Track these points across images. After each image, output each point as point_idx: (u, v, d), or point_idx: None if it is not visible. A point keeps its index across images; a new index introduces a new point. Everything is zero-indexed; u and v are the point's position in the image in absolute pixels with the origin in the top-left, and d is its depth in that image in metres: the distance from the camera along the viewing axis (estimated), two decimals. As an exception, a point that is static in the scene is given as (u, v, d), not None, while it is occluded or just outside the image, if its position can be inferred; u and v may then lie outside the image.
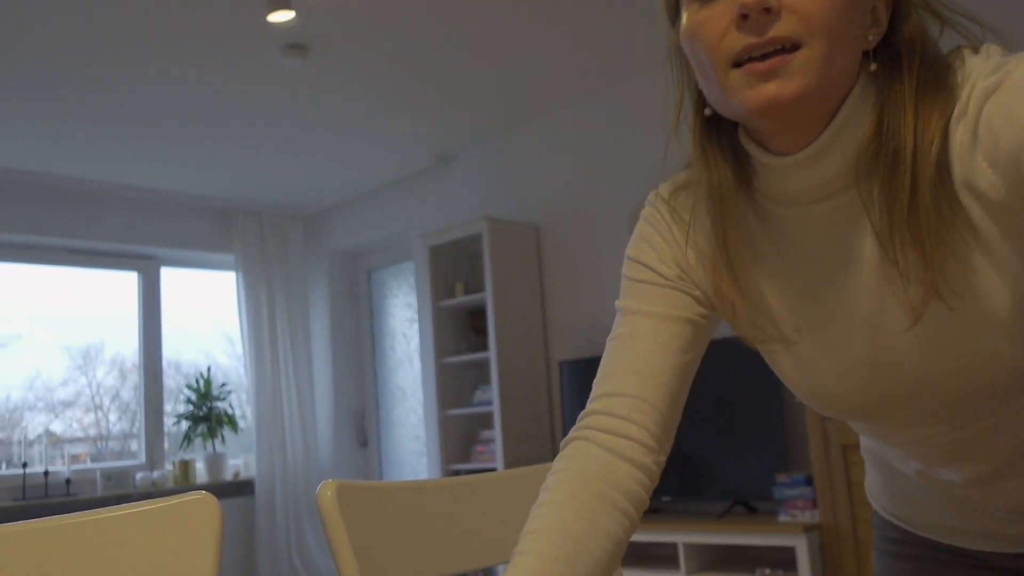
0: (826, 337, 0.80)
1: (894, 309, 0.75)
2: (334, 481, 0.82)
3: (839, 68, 0.70)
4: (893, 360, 0.77)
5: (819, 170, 0.75)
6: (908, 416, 0.81)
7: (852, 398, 0.81)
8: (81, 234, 4.70)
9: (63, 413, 4.78)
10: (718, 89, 0.73)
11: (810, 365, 0.83)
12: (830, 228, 0.77)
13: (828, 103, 0.73)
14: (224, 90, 3.68)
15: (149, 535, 0.67)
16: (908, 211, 0.70)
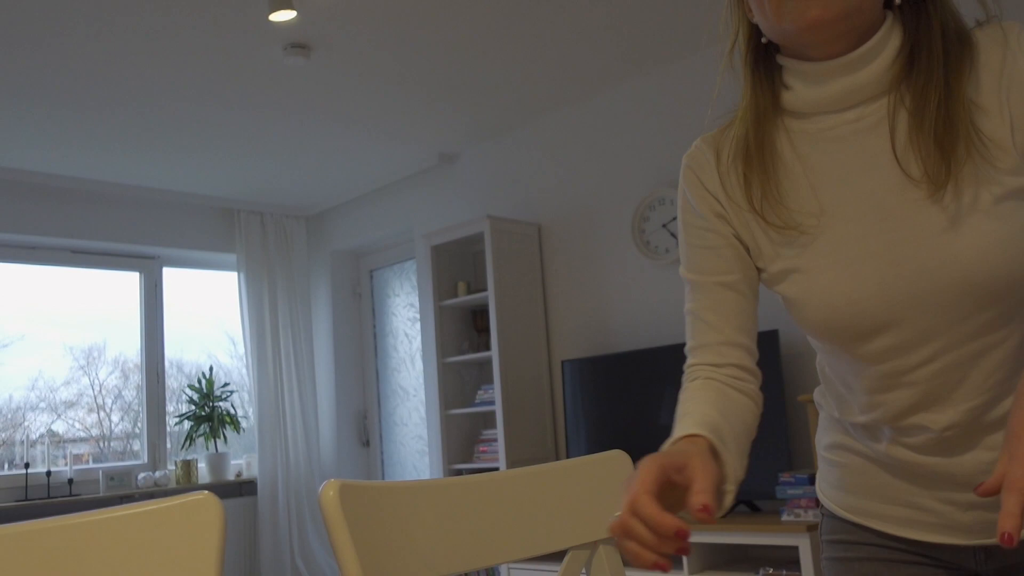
0: (844, 229, 0.90)
1: (908, 204, 0.87)
2: (337, 481, 0.83)
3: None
4: (904, 254, 0.87)
5: (858, 76, 0.89)
6: (909, 332, 0.88)
7: (861, 304, 0.89)
8: (83, 234, 4.70)
9: (65, 413, 4.78)
10: (772, 16, 0.87)
11: (824, 270, 0.91)
12: (852, 135, 0.91)
13: (862, 26, 0.87)
14: (227, 89, 3.67)
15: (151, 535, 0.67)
16: (936, 117, 0.85)
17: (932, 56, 0.86)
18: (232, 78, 3.57)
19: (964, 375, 0.89)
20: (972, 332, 0.87)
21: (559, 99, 4.07)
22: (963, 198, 0.85)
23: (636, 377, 3.55)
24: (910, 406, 0.92)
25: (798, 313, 0.95)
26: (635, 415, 3.49)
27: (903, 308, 0.88)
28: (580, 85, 3.93)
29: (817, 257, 0.91)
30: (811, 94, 0.92)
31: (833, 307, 0.90)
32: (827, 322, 0.92)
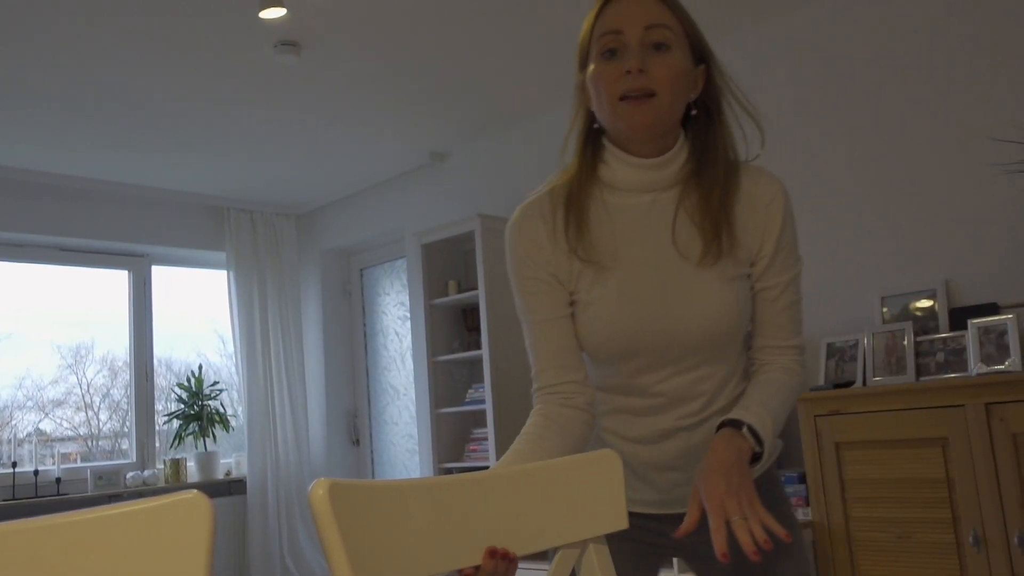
0: (627, 277, 1.24)
1: (676, 268, 1.24)
2: (327, 480, 0.83)
3: (676, 110, 1.23)
4: (662, 304, 1.23)
5: (658, 174, 1.26)
6: (654, 359, 1.25)
7: (624, 334, 1.23)
8: (71, 232, 4.67)
9: (53, 412, 4.75)
10: (609, 113, 1.22)
11: (605, 306, 1.24)
12: (646, 211, 1.27)
13: (669, 131, 1.25)
14: (217, 87, 3.66)
15: (140, 535, 0.66)
16: (717, 207, 1.22)
17: (715, 173, 1.24)
18: (222, 75, 3.55)
19: (687, 393, 1.27)
20: (694, 364, 1.26)
21: (550, 98, 4.06)
22: (709, 272, 1.22)
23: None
24: (648, 408, 1.29)
25: (584, 332, 1.27)
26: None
27: (657, 341, 1.23)
28: (571, 85, 3.92)
29: (607, 294, 1.24)
30: (624, 176, 1.26)
31: (609, 333, 1.24)
32: (602, 341, 1.25)
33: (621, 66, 1.19)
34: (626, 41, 1.20)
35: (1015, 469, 2.33)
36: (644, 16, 1.20)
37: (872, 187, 3.09)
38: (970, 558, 2.40)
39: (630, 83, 1.17)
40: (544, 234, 1.27)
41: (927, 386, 2.56)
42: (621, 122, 1.20)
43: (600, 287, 1.24)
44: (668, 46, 1.20)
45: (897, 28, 3.06)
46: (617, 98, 1.19)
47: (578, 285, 1.27)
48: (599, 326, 1.24)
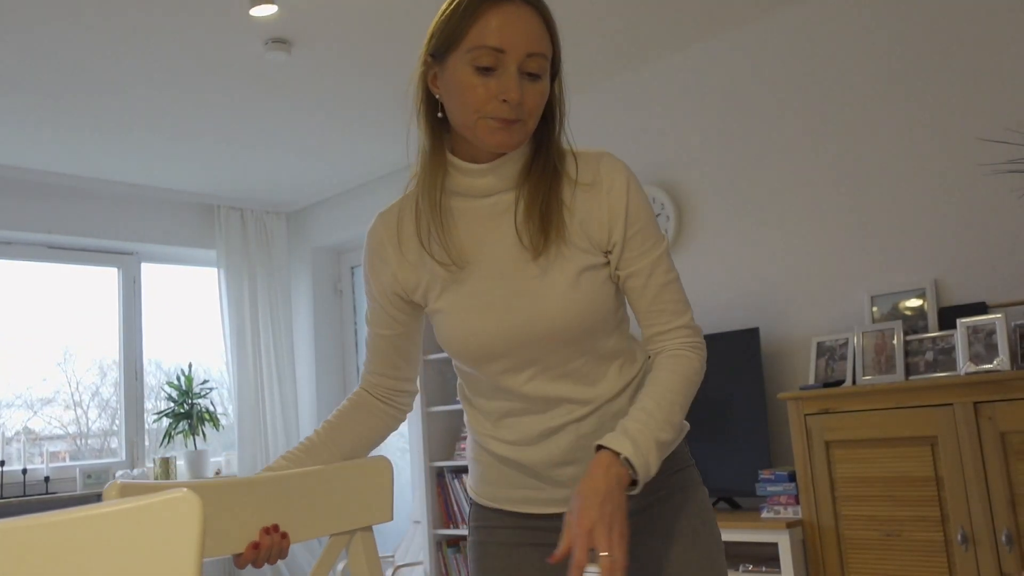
0: (479, 282, 1.26)
1: (521, 270, 1.24)
2: (119, 482, 0.97)
3: (532, 130, 1.23)
4: (514, 305, 1.23)
5: (497, 177, 1.26)
6: (516, 360, 1.25)
7: (481, 338, 1.25)
8: (60, 229, 4.64)
9: (42, 410, 4.73)
10: (471, 126, 1.20)
11: (460, 311, 1.26)
12: (490, 214, 1.27)
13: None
14: (207, 84, 3.64)
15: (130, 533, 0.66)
16: (539, 210, 1.24)
17: (545, 169, 1.26)
18: (213, 72, 3.54)
19: (558, 390, 1.27)
20: (557, 361, 1.25)
21: (542, 96, 4.07)
22: (554, 271, 1.23)
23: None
24: (525, 408, 1.28)
25: (440, 338, 1.30)
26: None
27: (510, 343, 1.24)
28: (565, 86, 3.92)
29: (458, 300, 1.26)
30: (465, 183, 1.27)
31: (463, 338, 1.26)
32: (459, 348, 1.27)
33: (496, 88, 1.17)
34: (505, 62, 1.17)
35: (1003, 468, 2.35)
36: (527, 41, 1.18)
37: (861, 187, 3.10)
38: (958, 556, 2.42)
39: (505, 111, 1.17)
40: (391, 249, 1.31)
41: (916, 385, 2.57)
42: (486, 138, 1.20)
43: (451, 294, 1.27)
44: (540, 76, 1.20)
45: (885, 28, 3.07)
46: (485, 115, 1.18)
47: (427, 296, 1.30)
48: (454, 332, 1.27)
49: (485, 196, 1.27)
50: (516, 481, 1.34)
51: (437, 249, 1.26)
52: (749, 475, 3.02)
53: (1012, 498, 2.33)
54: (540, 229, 1.23)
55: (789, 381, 3.17)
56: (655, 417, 1.14)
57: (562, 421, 1.27)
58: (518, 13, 1.18)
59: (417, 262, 1.29)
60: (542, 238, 1.23)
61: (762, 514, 2.92)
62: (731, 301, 3.35)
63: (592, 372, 1.27)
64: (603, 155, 1.28)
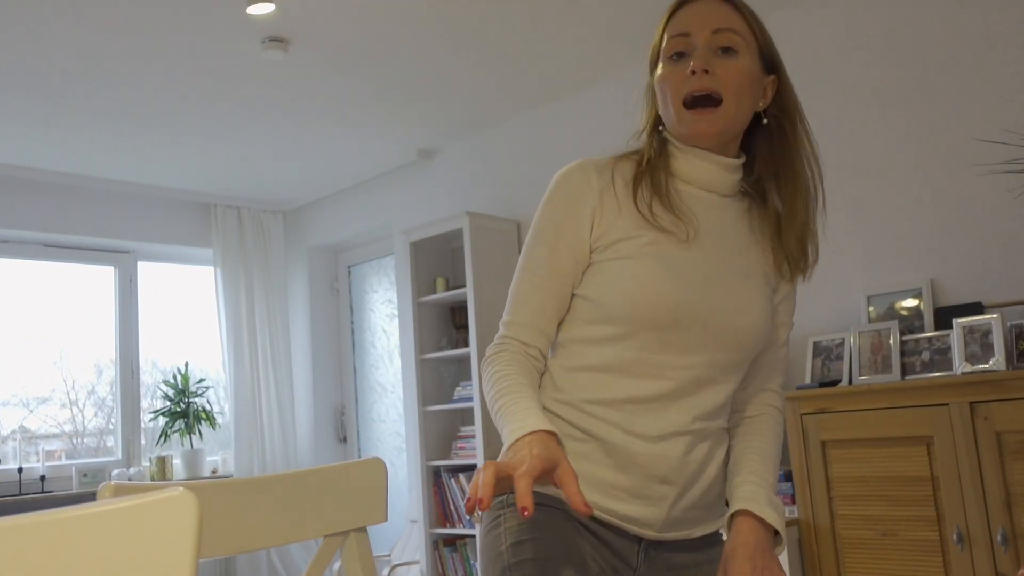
0: (694, 250, 1.20)
1: (741, 269, 1.23)
2: (112, 484, 0.96)
3: (740, 115, 1.21)
4: (725, 287, 1.20)
5: (731, 174, 1.25)
6: (698, 334, 1.19)
7: (688, 298, 1.17)
8: (57, 228, 4.64)
9: (38, 409, 4.72)
10: (675, 119, 1.21)
11: (672, 262, 1.18)
12: (714, 208, 1.25)
13: (733, 139, 1.24)
14: (204, 83, 3.64)
15: (126, 532, 0.66)
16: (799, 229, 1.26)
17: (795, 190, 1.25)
18: (210, 71, 3.53)
19: (700, 387, 1.21)
20: (717, 361, 1.21)
21: (538, 95, 4.07)
22: (761, 289, 1.25)
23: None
24: (656, 395, 1.20)
25: (619, 290, 1.18)
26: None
27: (706, 319, 1.18)
28: (559, 82, 3.93)
29: (664, 254, 1.19)
30: (696, 169, 1.24)
31: (656, 291, 1.17)
32: (643, 302, 1.17)
33: (687, 67, 1.18)
34: (693, 43, 1.19)
35: (999, 467, 2.35)
36: (712, 20, 1.19)
37: (857, 187, 3.10)
38: (954, 555, 2.42)
39: (694, 84, 1.16)
40: (597, 186, 1.22)
41: (912, 385, 2.57)
42: (686, 129, 1.19)
43: (657, 247, 1.19)
44: (735, 51, 1.19)
45: (881, 28, 3.07)
46: (682, 101, 1.18)
47: (622, 237, 1.20)
48: (651, 283, 1.17)
49: (709, 190, 1.25)
50: (602, 473, 1.21)
51: (663, 215, 1.20)
52: (745, 474, 3.02)
53: (1008, 498, 2.34)
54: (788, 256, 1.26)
55: (785, 381, 3.17)
56: (772, 483, 1.24)
57: (679, 423, 1.20)
58: (703, 4, 1.22)
59: (620, 216, 1.22)
60: (786, 266, 1.27)
61: (758, 513, 2.93)
62: (728, 301, 3.35)
63: (725, 396, 1.25)
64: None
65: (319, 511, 1.25)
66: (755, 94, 1.22)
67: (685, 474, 1.20)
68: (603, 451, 1.20)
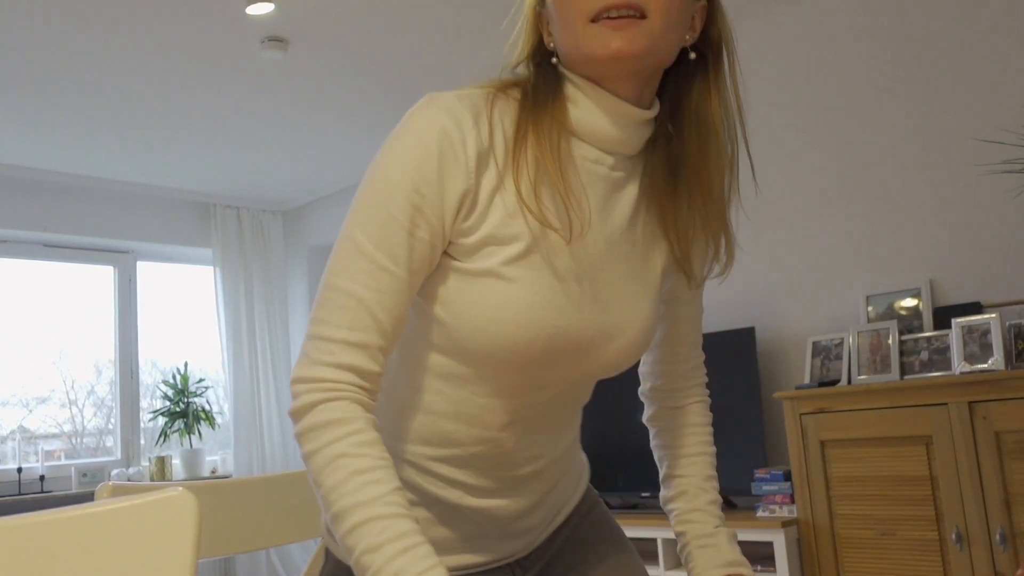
0: (576, 258, 0.91)
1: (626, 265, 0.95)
2: (111, 484, 0.98)
3: (667, 44, 0.88)
4: (611, 300, 0.94)
5: (642, 129, 0.93)
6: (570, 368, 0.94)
7: (566, 328, 0.90)
8: (56, 228, 4.63)
9: (37, 409, 4.72)
10: (577, 38, 0.87)
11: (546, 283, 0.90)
12: (608, 183, 0.94)
13: (653, 71, 0.92)
14: (203, 82, 3.64)
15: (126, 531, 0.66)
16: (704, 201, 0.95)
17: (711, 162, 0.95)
18: (209, 71, 3.53)
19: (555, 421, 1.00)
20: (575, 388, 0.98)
21: (538, 96, 4.06)
22: (653, 285, 0.98)
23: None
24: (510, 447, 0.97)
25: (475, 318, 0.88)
26: (610, 413, 3.50)
27: (565, 355, 0.92)
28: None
29: (534, 276, 0.89)
30: (599, 125, 0.91)
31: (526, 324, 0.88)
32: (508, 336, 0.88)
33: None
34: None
35: (997, 467, 2.36)
36: None
37: (857, 187, 3.11)
38: (953, 555, 2.42)
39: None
40: (475, 149, 0.88)
41: (911, 385, 2.57)
42: (598, 47, 0.85)
43: (532, 258, 0.89)
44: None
45: (880, 28, 3.07)
46: (588, 18, 0.85)
47: (491, 235, 0.89)
48: (520, 314, 0.88)
49: (610, 152, 0.93)
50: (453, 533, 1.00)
51: (549, 203, 0.88)
52: (745, 474, 3.03)
53: (1006, 497, 2.34)
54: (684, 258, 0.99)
55: (785, 381, 3.18)
56: (720, 506, 1.12)
57: (544, 468, 1.01)
58: None
59: (496, 197, 0.90)
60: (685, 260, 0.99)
61: (757, 513, 2.93)
62: (727, 301, 3.35)
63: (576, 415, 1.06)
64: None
65: (318, 511, 1.24)
66: (684, 22, 0.91)
67: (544, 507, 1.05)
68: (451, 514, 0.99)
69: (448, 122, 0.89)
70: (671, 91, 0.97)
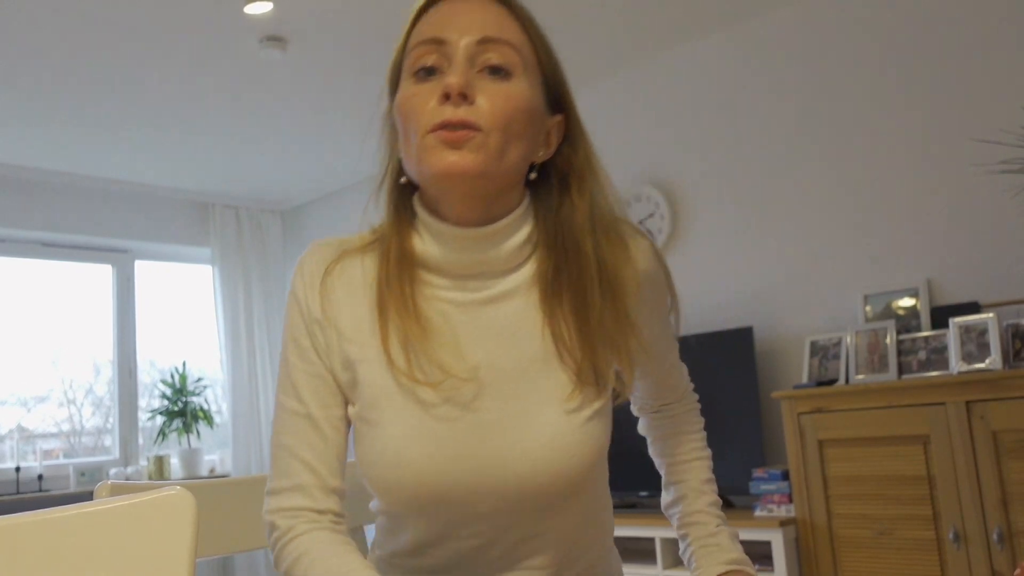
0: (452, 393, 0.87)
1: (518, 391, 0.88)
2: (110, 483, 0.95)
3: (509, 162, 0.85)
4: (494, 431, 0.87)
5: (492, 250, 0.88)
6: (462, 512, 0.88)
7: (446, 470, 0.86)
8: (54, 227, 4.63)
9: (35, 408, 4.72)
10: (415, 151, 0.85)
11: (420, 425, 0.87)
12: (478, 311, 0.90)
13: (502, 195, 0.88)
14: (201, 81, 3.64)
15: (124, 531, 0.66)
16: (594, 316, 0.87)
17: (581, 255, 0.88)
18: (208, 70, 3.53)
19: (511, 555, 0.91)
20: (524, 521, 0.89)
21: (537, 95, 4.06)
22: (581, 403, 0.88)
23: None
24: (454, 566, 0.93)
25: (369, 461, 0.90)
26: (610, 411, 3.50)
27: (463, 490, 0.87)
28: (558, 81, 3.92)
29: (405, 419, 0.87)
30: (439, 254, 0.90)
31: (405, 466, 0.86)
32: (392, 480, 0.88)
33: (438, 88, 0.85)
34: (450, 54, 0.86)
35: (995, 467, 2.36)
36: (479, 24, 0.87)
37: (854, 186, 3.11)
38: (950, 554, 2.43)
39: (448, 113, 0.83)
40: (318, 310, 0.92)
41: (909, 384, 2.58)
42: (431, 162, 0.83)
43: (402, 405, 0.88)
44: (508, 72, 0.86)
45: (879, 28, 3.08)
46: (427, 130, 0.83)
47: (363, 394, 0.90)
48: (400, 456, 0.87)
49: (469, 278, 0.90)
50: None
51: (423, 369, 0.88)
52: (743, 473, 3.03)
53: (1004, 497, 2.34)
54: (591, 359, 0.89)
55: (782, 380, 3.18)
56: (719, 505, 1.12)
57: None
58: (465, 3, 0.90)
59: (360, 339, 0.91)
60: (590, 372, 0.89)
61: (755, 512, 2.93)
62: (725, 300, 3.35)
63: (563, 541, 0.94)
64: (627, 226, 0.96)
65: None
66: (533, 136, 0.88)
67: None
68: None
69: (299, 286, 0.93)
70: (542, 204, 0.92)
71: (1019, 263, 2.74)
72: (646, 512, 3.21)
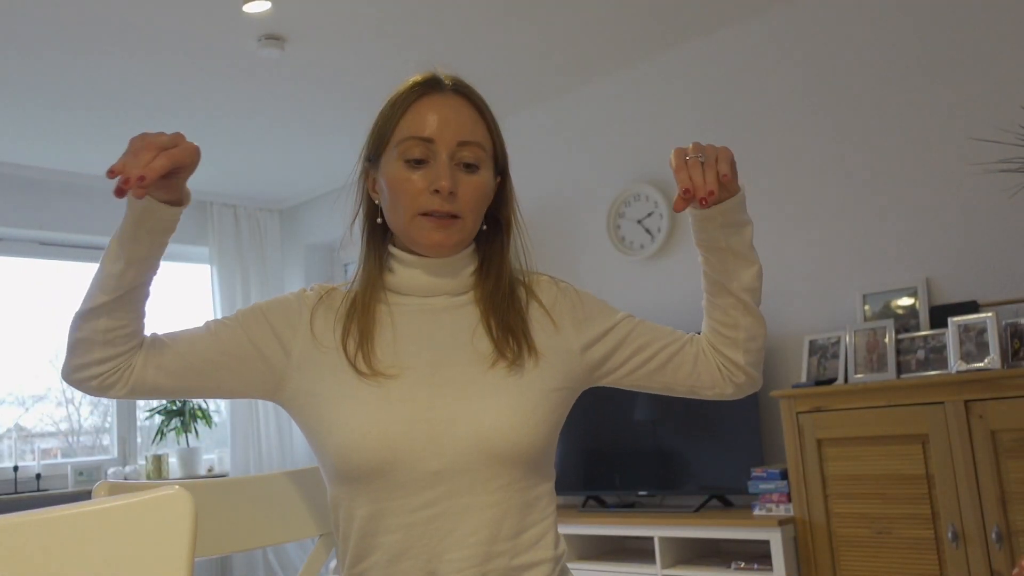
0: (409, 378, 1.10)
1: (468, 372, 1.11)
2: (108, 482, 1.00)
3: (475, 229, 1.18)
4: (448, 396, 1.09)
5: (452, 277, 1.18)
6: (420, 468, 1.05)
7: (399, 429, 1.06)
8: (52, 226, 4.63)
9: (33, 407, 4.71)
10: (404, 223, 1.15)
11: (376, 399, 1.08)
12: (437, 314, 1.17)
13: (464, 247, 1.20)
14: (199, 80, 3.63)
15: (122, 530, 0.66)
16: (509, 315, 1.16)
17: (500, 281, 1.19)
18: (206, 69, 3.53)
19: (452, 528, 1.06)
20: (468, 487, 1.06)
21: (534, 95, 4.06)
22: (515, 379, 1.11)
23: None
24: (401, 552, 1.06)
25: (331, 434, 1.09)
26: (607, 412, 3.50)
27: (413, 446, 1.05)
28: (556, 81, 3.93)
29: (366, 396, 1.08)
30: (412, 281, 1.18)
31: (361, 431, 1.06)
32: (352, 442, 1.06)
33: (427, 180, 1.13)
34: (436, 152, 1.14)
35: (993, 466, 2.36)
36: (459, 129, 1.16)
37: (853, 186, 3.11)
38: (949, 553, 2.43)
39: (437, 204, 1.12)
40: (307, 323, 1.17)
41: (908, 383, 2.58)
42: (421, 239, 1.14)
43: (363, 386, 1.10)
44: (477, 167, 1.16)
45: (877, 28, 3.08)
46: (418, 213, 1.13)
47: (325, 378, 1.12)
48: (356, 422, 1.07)
49: (433, 295, 1.19)
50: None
51: (367, 359, 1.12)
52: (741, 473, 3.03)
53: (1002, 496, 2.35)
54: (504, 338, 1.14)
55: (781, 379, 3.18)
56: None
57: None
58: (446, 102, 1.21)
59: (317, 356, 1.15)
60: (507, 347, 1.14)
61: (754, 512, 2.93)
62: (724, 299, 3.35)
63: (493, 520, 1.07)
64: (533, 275, 1.28)
65: (315, 510, 1.24)
66: (488, 202, 1.21)
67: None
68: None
69: (302, 296, 1.21)
70: (482, 242, 1.23)
71: (1018, 262, 2.74)
72: (646, 512, 3.21)
